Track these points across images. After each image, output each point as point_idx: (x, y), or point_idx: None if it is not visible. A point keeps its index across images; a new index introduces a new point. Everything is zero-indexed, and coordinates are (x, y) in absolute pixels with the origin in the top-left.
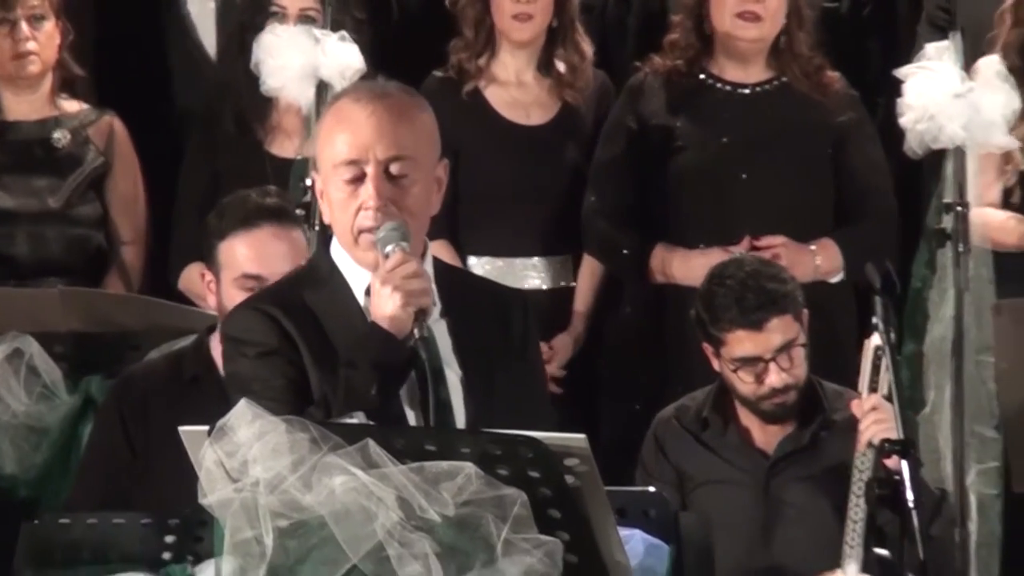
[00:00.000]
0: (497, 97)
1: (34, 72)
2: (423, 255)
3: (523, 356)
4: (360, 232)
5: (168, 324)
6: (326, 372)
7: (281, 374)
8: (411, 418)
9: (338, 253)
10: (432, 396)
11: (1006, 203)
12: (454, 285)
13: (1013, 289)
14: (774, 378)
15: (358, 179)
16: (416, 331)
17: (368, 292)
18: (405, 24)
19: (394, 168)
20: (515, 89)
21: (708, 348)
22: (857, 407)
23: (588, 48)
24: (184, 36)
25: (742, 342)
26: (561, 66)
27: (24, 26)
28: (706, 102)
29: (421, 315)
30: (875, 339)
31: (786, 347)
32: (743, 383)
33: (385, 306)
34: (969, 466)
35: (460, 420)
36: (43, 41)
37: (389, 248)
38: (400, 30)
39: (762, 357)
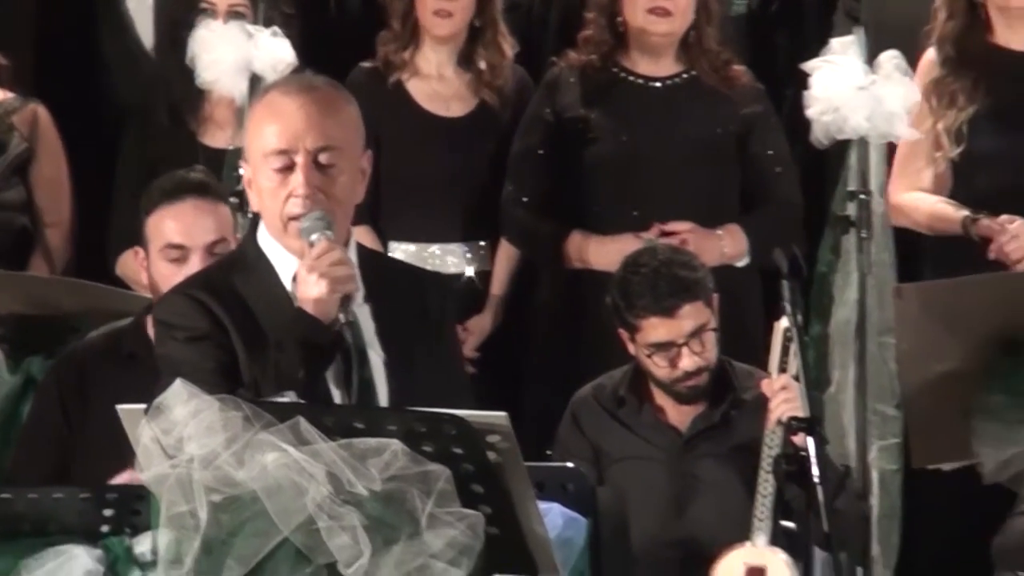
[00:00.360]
0: (419, 89)
1: None
2: (347, 242)
3: (441, 338)
4: (289, 219)
5: (107, 307)
6: (255, 355)
7: (211, 357)
8: (337, 397)
9: (265, 240)
10: (356, 376)
11: (935, 189)
12: (376, 270)
13: (933, 271)
14: (687, 362)
15: (287, 168)
16: (341, 315)
17: (295, 278)
18: (341, 18)
19: (322, 158)
20: (436, 82)
21: (624, 333)
22: (767, 386)
23: (509, 48)
24: (122, 30)
25: (656, 328)
26: (482, 63)
27: None
28: (619, 95)
29: (346, 300)
30: (784, 321)
31: (697, 332)
32: (658, 367)
33: (311, 291)
34: (871, 442)
35: (383, 399)
36: None
37: (314, 236)
38: (337, 24)
39: (675, 342)
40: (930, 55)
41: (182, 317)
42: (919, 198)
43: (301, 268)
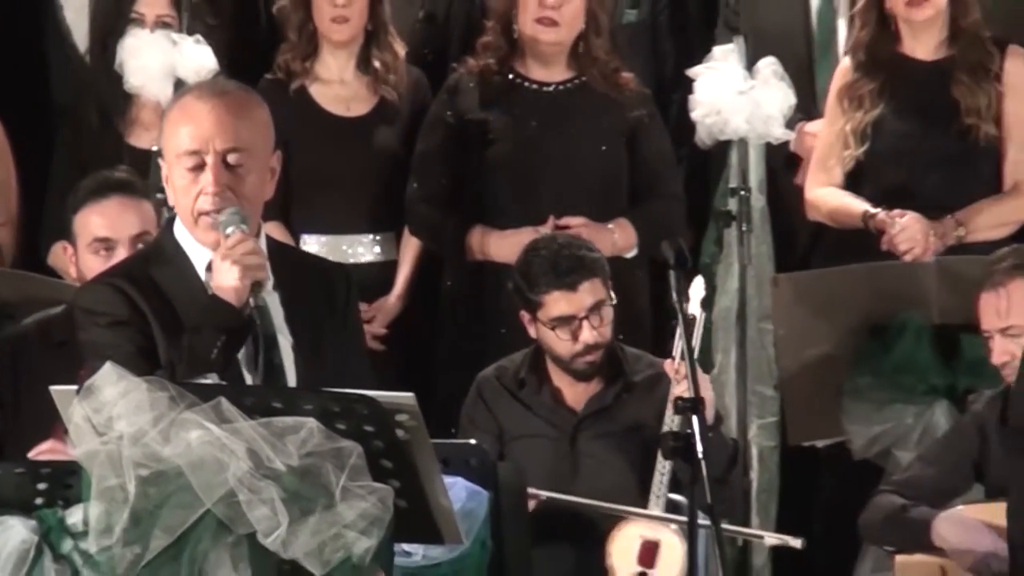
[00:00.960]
0: (321, 94)
1: None
2: (258, 235)
3: (345, 323)
4: (199, 214)
5: (40, 295)
6: (172, 339)
7: (131, 341)
8: (248, 380)
9: (181, 233)
10: (264, 359)
11: (846, 184)
12: (285, 261)
13: (814, 260)
14: (587, 335)
15: (199, 167)
16: (252, 300)
17: (209, 268)
18: (272, 28)
19: (231, 158)
20: (337, 86)
21: (525, 316)
22: (669, 368)
23: (400, 48)
24: (61, 37)
25: (558, 302)
26: (377, 63)
27: None
28: (515, 98)
29: (257, 287)
30: (689, 309)
31: (597, 307)
32: (560, 341)
33: (225, 278)
34: (751, 421)
35: (292, 381)
36: None
37: (230, 229)
38: (268, 33)
39: (576, 315)
40: (845, 61)
41: (104, 304)
42: (828, 193)
43: (216, 257)
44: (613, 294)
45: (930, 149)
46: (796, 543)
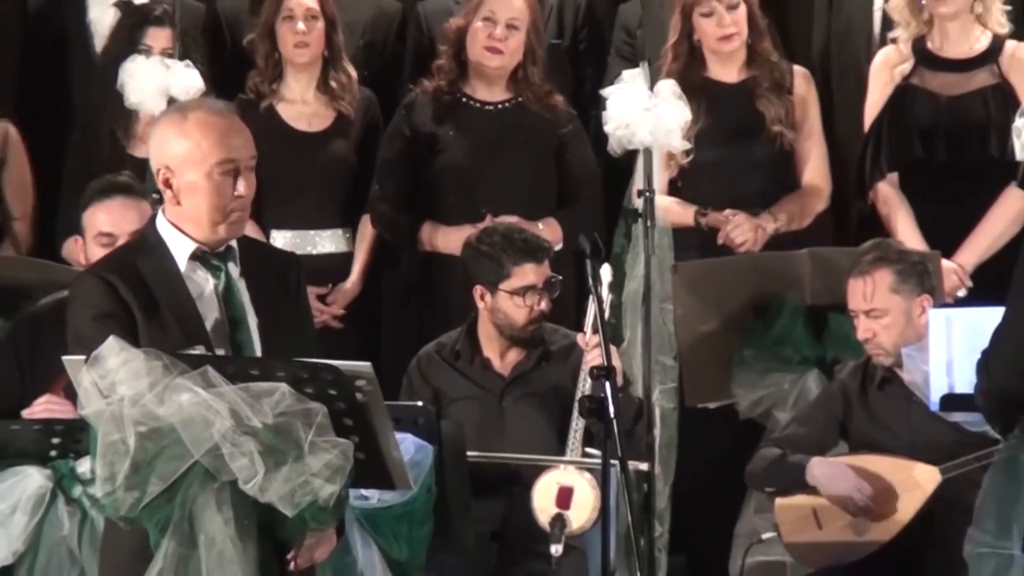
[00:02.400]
0: (286, 112)
1: None
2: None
3: (297, 303)
4: (233, 211)
5: (54, 280)
6: (150, 318)
7: (109, 333)
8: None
9: (164, 227)
10: (232, 338)
11: (671, 190)
12: (249, 253)
13: (701, 251)
14: (544, 304)
15: (233, 172)
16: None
17: (191, 257)
18: (238, 56)
19: (252, 165)
20: (300, 105)
21: (480, 290)
22: (582, 340)
23: (352, 71)
24: (87, 59)
25: (527, 274)
26: (334, 84)
27: None
28: (462, 115)
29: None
30: (600, 291)
31: (548, 281)
32: (519, 309)
33: None
34: (654, 386)
35: (257, 353)
36: None
37: None
38: (234, 60)
39: (538, 285)
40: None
41: (92, 296)
42: (660, 199)
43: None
44: None
45: (745, 156)
46: (643, 466)
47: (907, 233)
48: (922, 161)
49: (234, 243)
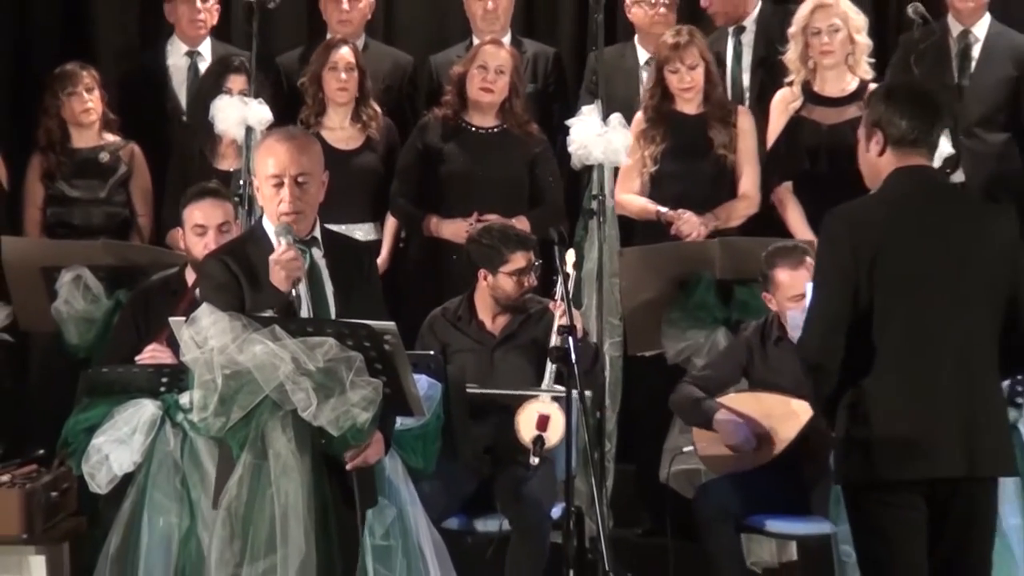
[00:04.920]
0: (328, 136)
1: (90, 120)
2: (314, 224)
3: (369, 280)
4: (281, 215)
5: (162, 261)
6: (253, 292)
7: (224, 297)
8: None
9: (266, 223)
10: (313, 310)
11: (640, 193)
12: (332, 241)
13: (641, 240)
14: (532, 280)
15: (280, 185)
16: (292, 291)
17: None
18: (292, 95)
19: (299, 179)
20: (338, 131)
21: (484, 272)
22: (552, 306)
23: (377, 107)
24: (173, 102)
25: (519, 260)
26: (364, 116)
27: (84, 94)
28: (462, 136)
29: (296, 281)
30: (567, 269)
31: (533, 264)
32: (515, 285)
33: (275, 278)
34: (605, 340)
35: (333, 314)
36: (95, 103)
37: (282, 240)
38: (289, 98)
39: (528, 267)
40: (639, 115)
41: (214, 272)
42: (632, 198)
43: (271, 260)
44: None
45: (696, 170)
46: (561, 391)
47: (798, 226)
48: (809, 173)
49: (318, 233)
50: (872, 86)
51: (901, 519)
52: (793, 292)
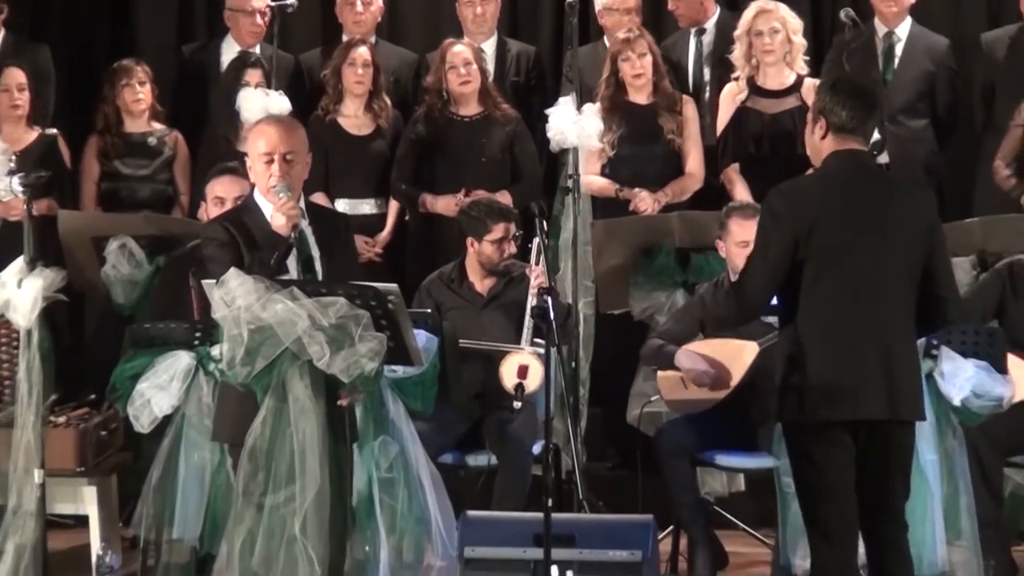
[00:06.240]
0: (344, 122)
1: (141, 109)
2: (299, 198)
3: (346, 244)
4: (270, 188)
5: (193, 231)
6: (251, 253)
7: (228, 254)
8: (294, 275)
9: (257, 197)
10: (303, 266)
11: (601, 173)
12: (315, 212)
13: (605, 215)
14: (511, 248)
15: (270, 161)
16: (293, 234)
17: (271, 217)
18: (312, 90)
19: (287, 157)
20: (353, 118)
21: (471, 240)
22: (530, 271)
23: (387, 98)
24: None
25: (500, 230)
26: (375, 107)
27: (137, 86)
28: (451, 124)
29: (295, 228)
30: (539, 237)
31: (512, 234)
32: (496, 251)
33: (277, 223)
34: (579, 299)
35: (320, 277)
36: (145, 95)
37: (281, 195)
38: (311, 92)
39: (507, 237)
40: (597, 104)
41: (216, 233)
42: (594, 179)
43: (273, 210)
44: None
45: (649, 153)
46: (541, 344)
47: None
48: (754, 155)
49: (302, 205)
50: (807, 80)
51: (831, 454)
52: (741, 239)
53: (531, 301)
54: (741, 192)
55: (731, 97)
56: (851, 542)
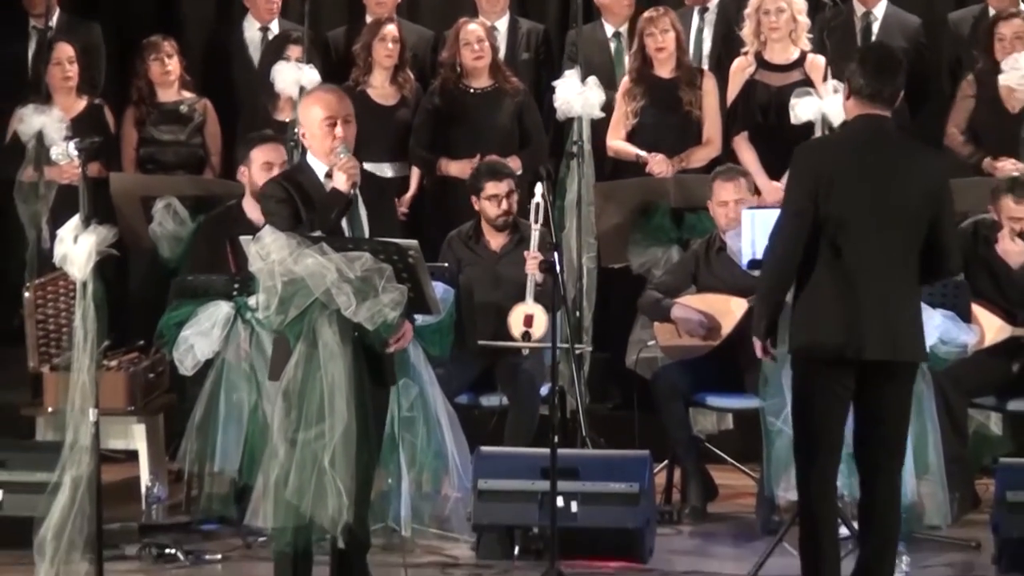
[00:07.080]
0: (372, 92)
1: (170, 81)
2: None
3: (388, 204)
4: (333, 148)
5: (232, 192)
6: (307, 209)
7: (288, 209)
8: (345, 231)
9: (311, 158)
10: (354, 223)
11: (626, 139)
12: (362, 176)
13: (612, 178)
14: (505, 205)
15: (333, 125)
16: (352, 191)
17: (327, 175)
18: (339, 62)
19: (347, 119)
20: (380, 89)
21: (474, 198)
22: (532, 234)
23: (410, 72)
24: (246, 65)
25: (492, 187)
26: (401, 79)
27: (165, 59)
28: (463, 96)
29: (353, 185)
30: (537, 198)
31: (509, 192)
32: (495, 208)
33: (339, 181)
34: (584, 253)
35: (367, 233)
36: (173, 67)
37: (343, 154)
38: (338, 65)
39: (499, 195)
40: (625, 77)
41: (275, 191)
42: (619, 143)
43: (334, 168)
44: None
45: (668, 122)
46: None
47: (753, 167)
48: (761, 125)
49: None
50: (810, 56)
51: (829, 388)
52: (722, 198)
53: (532, 251)
54: (749, 158)
55: (740, 71)
56: (832, 468)
